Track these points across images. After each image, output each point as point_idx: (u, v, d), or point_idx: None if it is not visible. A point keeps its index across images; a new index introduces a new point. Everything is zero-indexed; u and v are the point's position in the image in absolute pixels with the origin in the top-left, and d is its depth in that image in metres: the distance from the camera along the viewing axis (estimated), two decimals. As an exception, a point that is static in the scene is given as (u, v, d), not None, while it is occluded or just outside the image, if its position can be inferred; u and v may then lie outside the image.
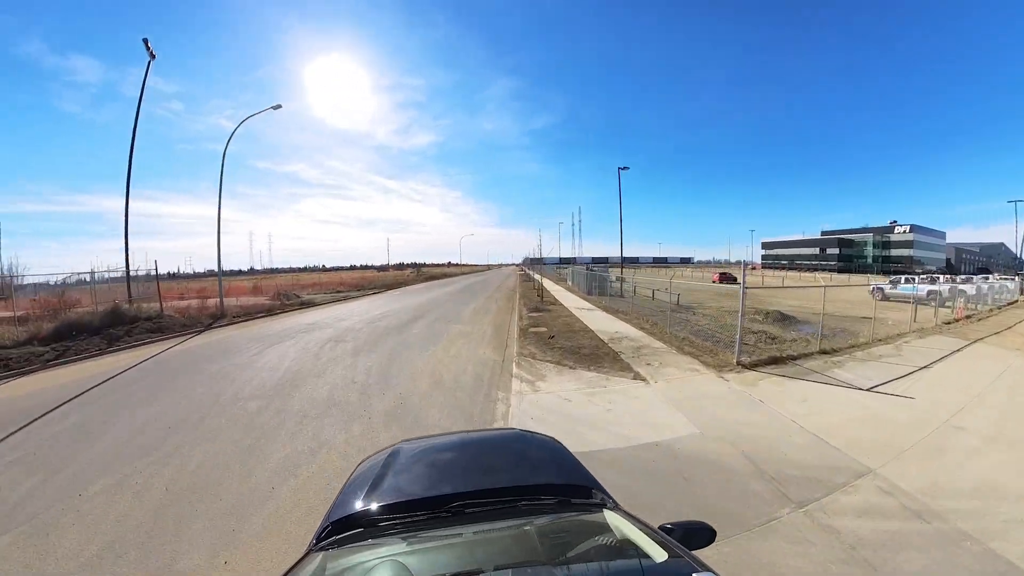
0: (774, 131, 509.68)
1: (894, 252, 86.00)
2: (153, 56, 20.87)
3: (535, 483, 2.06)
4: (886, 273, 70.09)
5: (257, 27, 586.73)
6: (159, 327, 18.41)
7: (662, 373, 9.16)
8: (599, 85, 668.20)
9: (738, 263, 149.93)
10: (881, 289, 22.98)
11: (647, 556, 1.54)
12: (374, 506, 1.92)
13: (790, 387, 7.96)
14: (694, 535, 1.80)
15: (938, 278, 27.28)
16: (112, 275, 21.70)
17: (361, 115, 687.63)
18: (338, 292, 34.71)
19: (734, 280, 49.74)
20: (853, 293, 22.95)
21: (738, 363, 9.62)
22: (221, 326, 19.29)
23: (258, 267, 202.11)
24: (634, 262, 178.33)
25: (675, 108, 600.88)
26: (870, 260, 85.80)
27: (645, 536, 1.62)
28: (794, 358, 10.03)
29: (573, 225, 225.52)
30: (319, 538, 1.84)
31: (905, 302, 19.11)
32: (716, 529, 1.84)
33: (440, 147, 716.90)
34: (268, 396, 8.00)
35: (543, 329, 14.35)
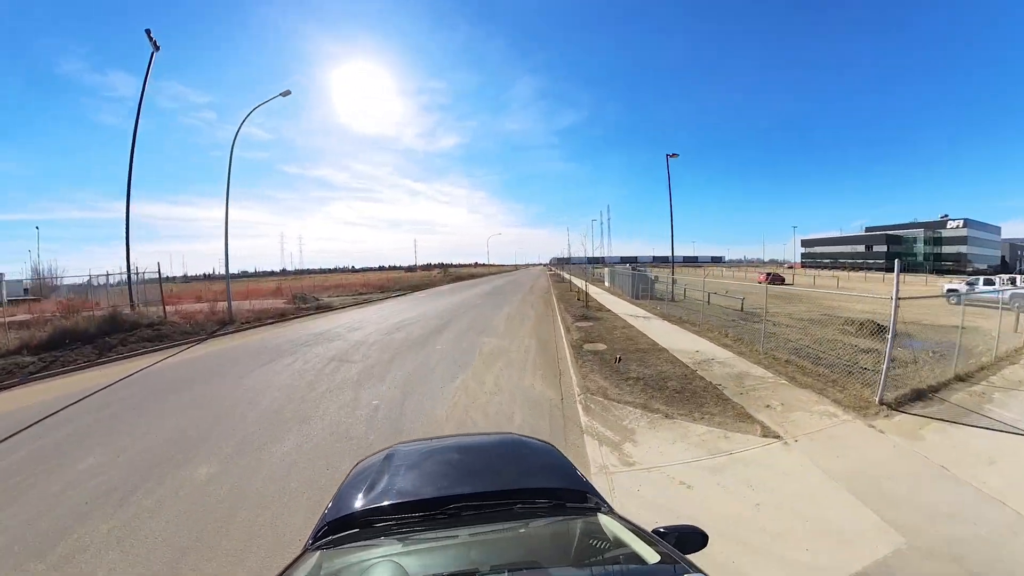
0: (805, 125, 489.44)
1: (946, 249, 79.20)
2: (157, 47, 18.89)
3: (531, 487, 2.03)
4: (939, 272, 65.47)
5: (284, 37, 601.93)
6: (158, 335, 16.57)
7: (793, 422, 6.25)
8: (623, 82, 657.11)
9: (772, 262, 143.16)
10: (957, 292, 19.18)
11: (640, 559, 1.55)
12: (370, 507, 1.90)
13: (960, 438, 5.80)
14: (687, 539, 1.80)
15: (1006, 278, 23.90)
16: (147, 275, 20.56)
17: (387, 119, 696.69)
18: (360, 294, 32.58)
19: (782, 280, 45.71)
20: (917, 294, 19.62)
21: (881, 402, 6.91)
22: (226, 333, 17.20)
23: (289, 268, 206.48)
24: (663, 261, 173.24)
25: (701, 103, 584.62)
26: (920, 258, 79.01)
27: (638, 539, 1.61)
28: (934, 389, 7.65)
29: (601, 224, 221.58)
30: (315, 537, 1.82)
31: (984, 306, 16.46)
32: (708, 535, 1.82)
33: (466, 148, 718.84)
34: (227, 458, 5.41)
35: (601, 346, 11.42)
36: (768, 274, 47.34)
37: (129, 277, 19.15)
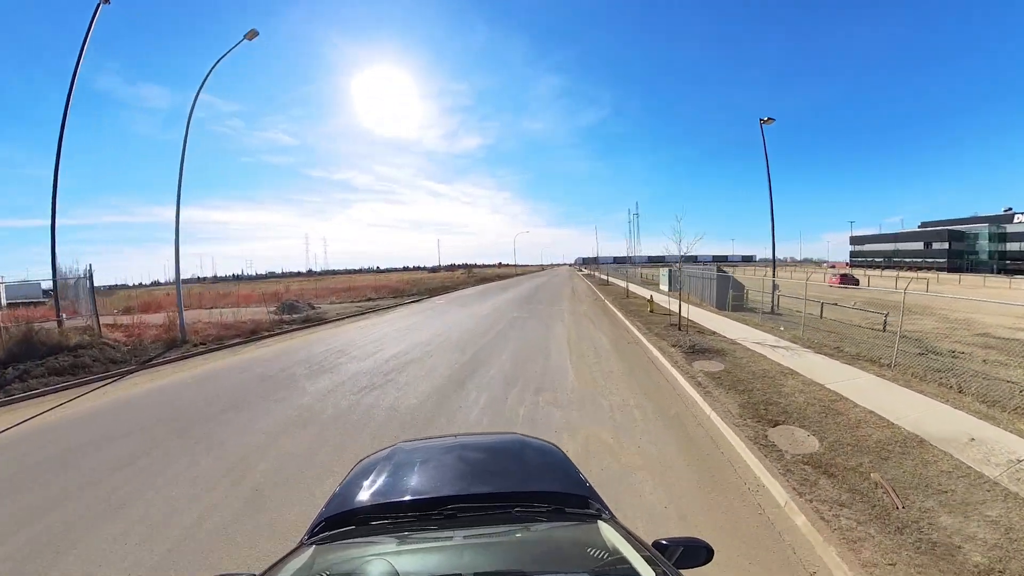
0: (837, 118, 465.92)
1: (1011, 246, 68.97)
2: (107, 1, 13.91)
3: (530, 490, 1.95)
4: (1006, 272, 57.83)
5: (306, 44, 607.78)
6: (76, 363, 11.68)
7: None
8: (644, 79, 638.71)
9: (808, 261, 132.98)
10: None
11: (634, 574, 1.45)
12: (368, 504, 1.87)
13: None
14: (691, 554, 1.71)
15: None
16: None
17: (409, 122, 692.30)
18: (369, 300, 27.26)
19: (856, 282, 38.79)
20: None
21: None
22: (165, 361, 12.06)
23: (316, 269, 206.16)
24: (693, 260, 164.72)
25: (726, 97, 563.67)
26: (985, 256, 69.34)
27: (635, 552, 1.51)
28: None
29: (629, 222, 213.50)
30: (312, 532, 1.78)
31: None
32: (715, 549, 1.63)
33: (488, 149, 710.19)
34: None
35: (801, 434, 5.46)
36: (842, 275, 40.18)
37: (55, 283, 14.13)
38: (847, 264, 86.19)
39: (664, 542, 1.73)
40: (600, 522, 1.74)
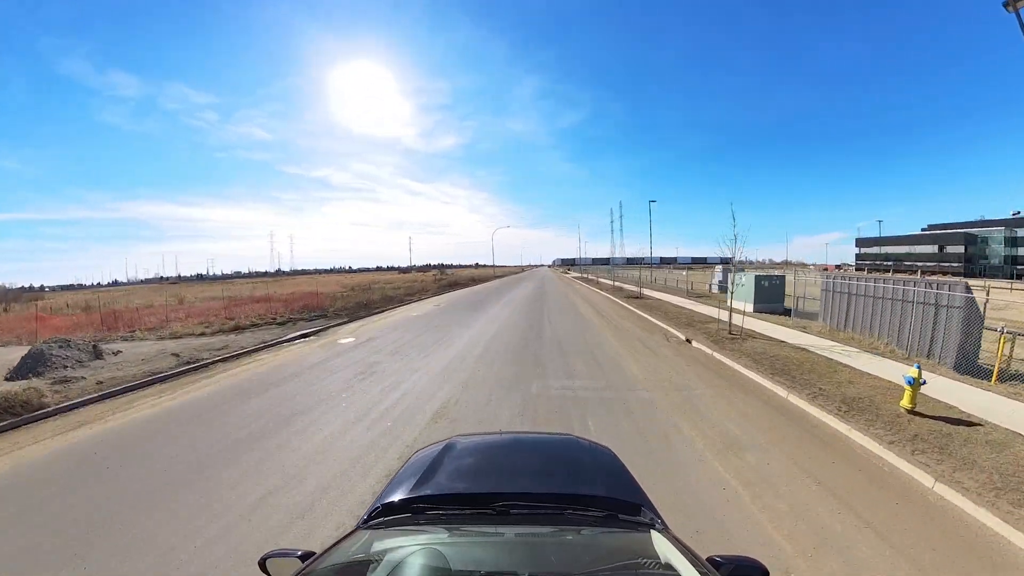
0: (814, 122, 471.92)
1: (1022, 251, 62.52)
2: None
3: (583, 493, 1.85)
4: (1018, 277, 51.44)
5: (284, 36, 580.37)
6: None
7: None
8: (624, 83, 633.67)
9: (786, 263, 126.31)
10: None
11: None
12: (423, 494, 1.82)
13: None
14: (745, 572, 1.60)
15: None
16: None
17: (387, 119, 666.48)
18: (232, 331, 14.75)
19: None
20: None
21: None
22: None
23: (285, 269, 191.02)
24: (672, 262, 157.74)
25: (704, 102, 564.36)
26: (998, 260, 62.91)
27: (689, 565, 1.38)
28: None
29: (612, 222, 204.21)
30: (369, 517, 1.77)
31: None
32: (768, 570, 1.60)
33: (467, 149, 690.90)
34: None
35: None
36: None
37: None
38: (846, 267, 77.70)
39: (718, 559, 1.60)
40: (653, 532, 1.63)
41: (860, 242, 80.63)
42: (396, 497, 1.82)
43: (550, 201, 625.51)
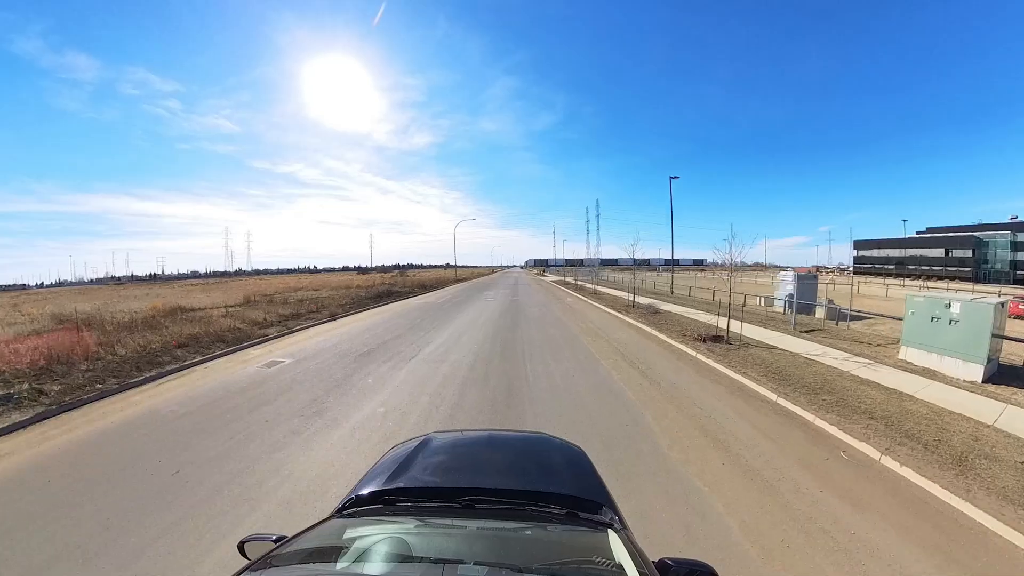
0: (780, 132, 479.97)
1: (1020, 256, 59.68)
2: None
3: (546, 490, 1.90)
4: (1019, 282, 50.86)
5: (256, 24, 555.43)
6: None
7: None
8: (599, 87, 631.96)
9: (758, 265, 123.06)
10: None
11: None
12: (393, 487, 1.90)
13: None
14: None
15: None
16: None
17: (359, 115, 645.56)
18: None
19: None
20: None
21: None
22: None
23: (246, 268, 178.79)
24: (646, 264, 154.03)
25: (676, 112, 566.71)
26: (1003, 265, 59.44)
27: (635, 569, 1.39)
28: None
29: (588, 222, 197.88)
30: (342, 507, 1.83)
31: None
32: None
33: (440, 148, 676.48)
34: None
35: None
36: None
37: None
38: (851, 271, 72.42)
39: (669, 562, 1.63)
40: (611, 532, 1.66)
41: (859, 244, 75.73)
42: (369, 489, 1.89)
43: (523, 202, 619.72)
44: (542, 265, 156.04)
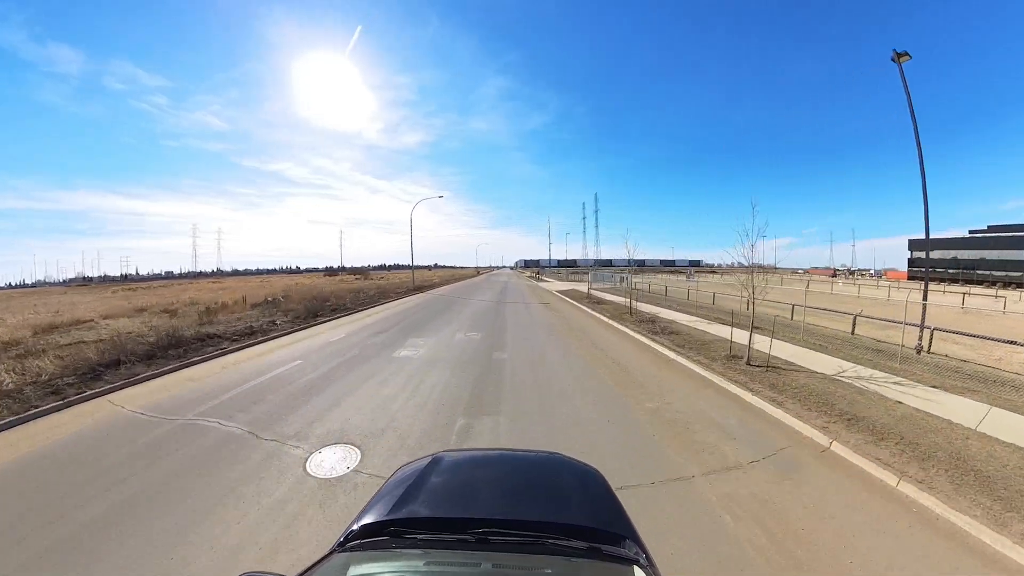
0: (772, 135, 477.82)
1: None
2: None
3: (566, 522, 1.73)
4: None
5: (245, 18, 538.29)
6: None
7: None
8: (591, 88, 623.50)
9: (757, 266, 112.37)
10: None
11: None
12: (401, 518, 1.75)
13: None
14: None
15: None
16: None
17: (349, 113, 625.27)
18: None
19: None
20: None
21: None
22: None
23: (226, 269, 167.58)
24: (641, 264, 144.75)
25: (666, 114, 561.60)
26: None
27: None
28: None
29: (585, 220, 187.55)
30: (345, 539, 1.70)
31: None
32: None
33: (431, 147, 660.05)
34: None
35: None
36: None
37: None
38: (906, 275, 62.36)
39: None
40: (636, 569, 1.54)
41: (914, 244, 64.28)
42: (374, 519, 1.77)
43: (513, 202, 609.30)
44: (534, 266, 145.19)
